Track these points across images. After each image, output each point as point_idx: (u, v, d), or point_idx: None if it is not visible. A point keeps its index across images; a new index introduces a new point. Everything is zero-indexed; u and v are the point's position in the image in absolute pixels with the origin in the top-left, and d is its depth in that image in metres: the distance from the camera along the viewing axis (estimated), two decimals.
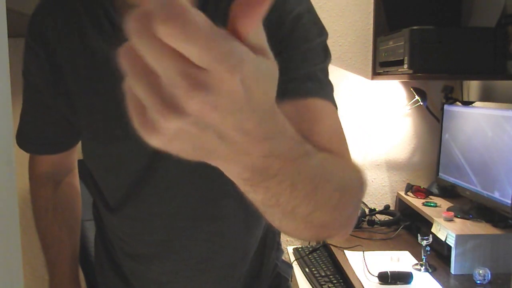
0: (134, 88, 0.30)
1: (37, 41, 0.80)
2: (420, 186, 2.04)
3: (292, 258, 1.81)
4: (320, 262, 1.73)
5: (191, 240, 0.83)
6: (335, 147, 0.69)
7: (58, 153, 0.97)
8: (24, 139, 0.94)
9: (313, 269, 1.67)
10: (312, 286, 1.57)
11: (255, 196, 0.43)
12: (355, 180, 0.64)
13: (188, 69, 0.29)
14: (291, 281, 1.03)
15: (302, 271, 1.68)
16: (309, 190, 0.47)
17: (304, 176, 0.45)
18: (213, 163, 0.37)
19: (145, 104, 0.30)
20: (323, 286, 1.55)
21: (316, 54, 0.79)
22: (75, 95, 0.80)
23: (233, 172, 0.39)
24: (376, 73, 2.04)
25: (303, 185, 0.45)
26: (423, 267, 1.59)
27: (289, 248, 1.91)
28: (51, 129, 0.91)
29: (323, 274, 1.63)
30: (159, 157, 0.76)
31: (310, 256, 1.79)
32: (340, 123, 0.72)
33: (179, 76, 0.29)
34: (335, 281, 1.58)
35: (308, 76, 0.71)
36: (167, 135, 0.31)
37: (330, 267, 1.69)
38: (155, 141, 0.32)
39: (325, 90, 0.73)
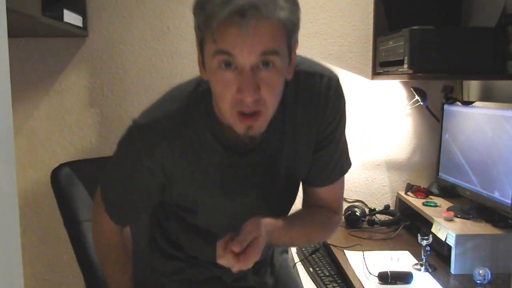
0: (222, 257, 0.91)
1: (155, 164, 1.00)
2: (420, 186, 2.04)
3: (296, 258, 1.81)
4: (324, 262, 1.73)
5: None
6: (337, 207, 1.17)
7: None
8: (119, 217, 1.14)
9: (317, 269, 1.67)
10: (316, 286, 1.57)
11: (279, 243, 1.21)
12: (336, 224, 1.16)
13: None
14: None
15: (306, 271, 1.68)
16: (303, 241, 1.30)
17: (297, 239, 1.13)
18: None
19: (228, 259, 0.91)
20: (328, 286, 1.55)
21: (345, 140, 1.15)
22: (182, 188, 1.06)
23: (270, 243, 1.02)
24: (376, 73, 2.04)
25: (298, 242, 1.27)
26: (423, 267, 1.59)
27: (292, 249, 1.91)
28: (143, 209, 1.17)
29: (327, 274, 1.63)
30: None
31: (313, 256, 1.79)
32: (343, 186, 1.18)
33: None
34: (339, 281, 1.58)
35: (337, 166, 1.12)
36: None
37: (329, 267, 1.68)
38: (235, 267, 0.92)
39: (345, 168, 1.17)
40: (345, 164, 1.14)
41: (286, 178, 1.08)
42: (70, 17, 1.79)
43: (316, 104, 1.03)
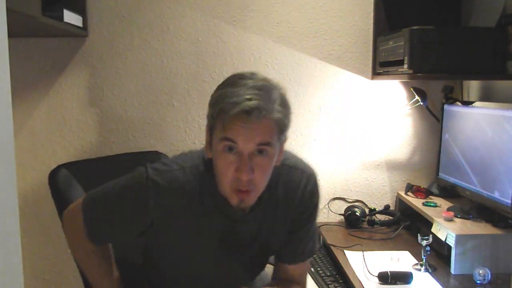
0: None
1: (157, 214, 1.15)
2: (420, 186, 2.04)
3: None
4: (325, 262, 1.73)
5: None
6: (302, 282, 1.35)
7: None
8: (95, 237, 1.23)
9: (319, 269, 1.67)
10: (318, 286, 1.57)
11: None
12: None
13: None
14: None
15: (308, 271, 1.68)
16: None
17: None
18: None
19: None
20: (329, 286, 1.55)
21: (315, 228, 1.32)
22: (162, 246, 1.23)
23: None
24: (376, 73, 2.04)
25: None
26: (423, 267, 1.59)
27: None
28: (123, 238, 1.29)
29: (328, 273, 1.63)
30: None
31: (314, 256, 1.79)
32: (309, 266, 1.48)
33: None
34: (341, 281, 1.58)
35: (306, 248, 1.30)
36: None
37: (330, 267, 1.68)
38: None
39: (313, 251, 1.34)
40: (313, 247, 1.33)
41: (262, 248, 1.27)
42: (70, 17, 1.79)
43: (295, 194, 1.25)
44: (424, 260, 1.59)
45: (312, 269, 1.68)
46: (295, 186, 1.24)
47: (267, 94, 1.06)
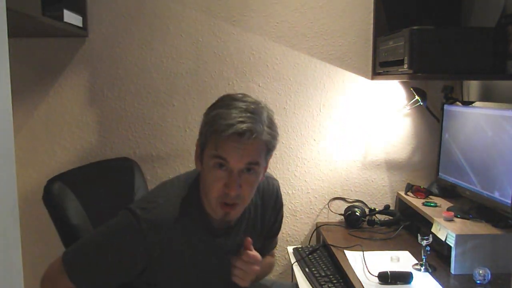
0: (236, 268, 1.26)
1: (153, 246, 1.17)
2: (420, 186, 2.04)
3: (293, 258, 1.81)
4: (320, 262, 1.73)
5: None
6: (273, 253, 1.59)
7: None
8: (82, 280, 1.19)
9: (313, 269, 1.67)
10: (312, 286, 1.57)
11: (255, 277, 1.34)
12: (273, 265, 1.62)
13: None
14: None
15: (302, 271, 1.68)
16: (265, 273, 1.53)
17: (264, 272, 1.49)
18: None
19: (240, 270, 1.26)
20: (323, 286, 1.55)
21: (280, 227, 1.51)
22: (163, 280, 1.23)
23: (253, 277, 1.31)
24: (376, 73, 2.04)
25: (263, 274, 1.51)
26: (423, 267, 1.59)
27: (289, 248, 1.91)
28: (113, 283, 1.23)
29: (323, 274, 1.63)
30: None
31: (310, 256, 1.79)
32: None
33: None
34: (335, 281, 1.58)
35: (276, 241, 1.55)
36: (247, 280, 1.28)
37: (330, 267, 1.68)
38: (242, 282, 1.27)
39: (275, 246, 1.57)
40: (277, 240, 1.56)
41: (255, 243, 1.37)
42: (70, 17, 1.79)
43: (270, 200, 1.40)
44: (424, 260, 1.59)
45: (307, 269, 1.68)
46: (270, 193, 1.41)
47: (258, 117, 1.15)
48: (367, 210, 2.10)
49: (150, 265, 1.19)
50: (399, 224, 2.00)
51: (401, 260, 1.67)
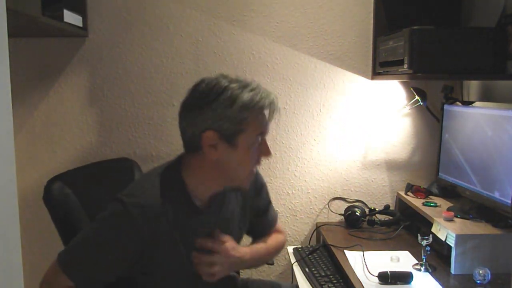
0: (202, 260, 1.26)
1: (148, 230, 1.17)
2: (420, 186, 2.04)
3: (293, 258, 1.81)
4: (320, 262, 1.73)
5: None
6: (280, 230, 1.57)
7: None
8: (80, 279, 1.19)
9: (313, 269, 1.67)
10: (312, 286, 1.57)
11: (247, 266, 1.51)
12: (282, 242, 1.54)
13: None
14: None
15: (302, 271, 1.68)
16: (264, 260, 1.50)
17: (259, 259, 1.45)
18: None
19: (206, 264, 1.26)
20: (323, 286, 1.55)
21: (270, 204, 1.53)
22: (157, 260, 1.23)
23: (239, 267, 1.45)
24: (376, 73, 2.04)
25: (261, 261, 1.51)
26: (423, 267, 1.59)
27: (289, 248, 1.91)
28: (111, 276, 1.22)
29: (323, 274, 1.63)
30: None
31: (310, 256, 1.79)
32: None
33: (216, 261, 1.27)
34: (335, 281, 1.58)
35: (274, 218, 1.54)
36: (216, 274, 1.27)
37: (330, 267, 1.68)
38: (211, 278, 1.26)
39: (276, 216, 1.56)
40: (275, 214, 1.55)
41: (238, 231, 1.41)
42: (70, 17, 1.79)
43: (253, 183, 1.39)
44: (424, 260, 1.59)
45: (307, 270, 1.68)
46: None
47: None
48: (367, 210, 2.10)
49: (144, 249, 1.19)
50: (399, 224, 2.00)
51: (401, 260, 1.67)
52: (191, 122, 1.19)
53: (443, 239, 1.60)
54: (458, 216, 1.70)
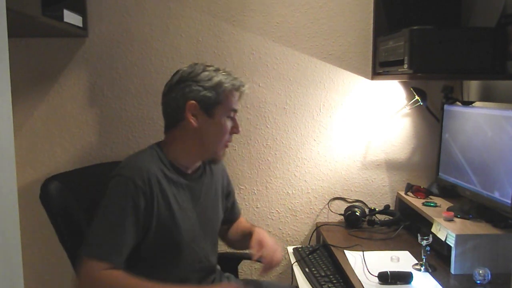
0: None
1: (150, 188, 1.35)
2: (420, 186, 2.04)
3: (293, 258, 1.81)
4: (320, 262, 1.73)
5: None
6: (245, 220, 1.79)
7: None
8: (112, 253, 1.29)
9: (313, 269, 1.67)
10: (312, 286, 1.57)
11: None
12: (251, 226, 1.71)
13: None
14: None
15: (302, 271, 1.68)
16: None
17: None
18: None
19: None
20: (323, 286, 1.55)
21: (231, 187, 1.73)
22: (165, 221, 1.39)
23: None
24: (376, 73, 2.04)
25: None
26: (423, 267, 1.59)
27: (289, 248, 1.91)
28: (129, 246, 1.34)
29: (323, 274, 1.63)
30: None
31: (310, 256, 1.79)
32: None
33: None
34: (335, 281, 1.58)
35: (239, 209, 1.78)
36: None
37: (330, 267, 1.68)
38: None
39: (239, 209, 1.79)
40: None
41: (218, 199, 1.60)
42: (70, 17, 1.79)
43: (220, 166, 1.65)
44: (424, 260, 1.59)
45: (307, 270, 1.68)
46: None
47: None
48: (367, 210, 2.10)
49: (150, 215, 1.35)
50: (399, 224, 2.00)
51: (401, 260, 1.67)
52: (177, 95, 1.42)
53: (443, 239, 1.60)
54: (458, 216, 1.70)
